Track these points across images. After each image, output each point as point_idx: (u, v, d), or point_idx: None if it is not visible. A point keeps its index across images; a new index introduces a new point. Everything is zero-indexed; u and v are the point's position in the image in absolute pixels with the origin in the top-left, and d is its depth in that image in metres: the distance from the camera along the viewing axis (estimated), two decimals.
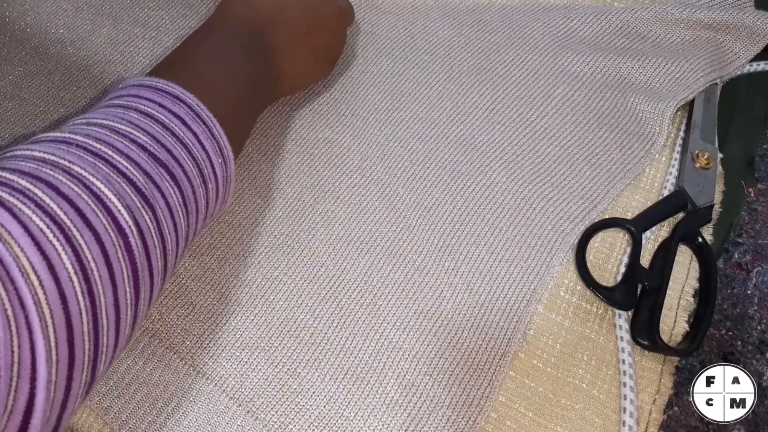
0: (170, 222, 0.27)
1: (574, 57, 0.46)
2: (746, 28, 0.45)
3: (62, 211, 0.23)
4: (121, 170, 0.25)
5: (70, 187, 0.23)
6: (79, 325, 0.22)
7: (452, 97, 0.44)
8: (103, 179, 0.24)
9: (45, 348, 0.20)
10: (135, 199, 0.25)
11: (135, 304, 0.25)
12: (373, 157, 0.42)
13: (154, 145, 0.27)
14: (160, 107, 0.29)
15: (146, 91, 0.30)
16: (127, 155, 0.26)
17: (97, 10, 0.48)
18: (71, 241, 0.22)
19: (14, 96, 0.43)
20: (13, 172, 0.24)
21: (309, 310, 0.36)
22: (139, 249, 0.25)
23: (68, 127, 0.27)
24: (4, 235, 0.21)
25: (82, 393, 0.23)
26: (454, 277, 0.37)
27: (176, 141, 0.28)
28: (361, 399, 0.33)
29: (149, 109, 0.29)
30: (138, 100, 0.29)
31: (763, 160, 0.42)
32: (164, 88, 0.30)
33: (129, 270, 0.24)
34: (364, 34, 0.48)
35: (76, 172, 0.24)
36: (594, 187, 0.40)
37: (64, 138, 0.26)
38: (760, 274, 0.37)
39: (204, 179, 0.30)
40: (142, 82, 0.31)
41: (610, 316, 0.36)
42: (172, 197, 0.27)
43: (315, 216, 0.39)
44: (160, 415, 0.33)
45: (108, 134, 0.27)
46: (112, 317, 0.24)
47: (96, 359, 0.23)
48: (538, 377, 0.34)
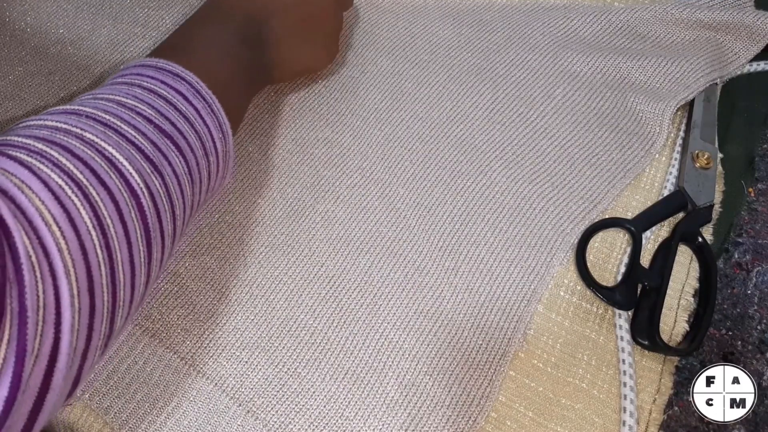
0: (177, 188, 0.28)
1: (574, 57, 0.46)
2: (746, 27, 0.45)
3: (78, 170, 0.24)
4: (129, 139, 0.27)
5: (84, 150, 0.25)
6: (99, 276, 0.23)
7: (452, 97, 0.44)
8: (114, 145, 0.26)
9: (69, 293, 0.21)
10: (144, 165, 0.26)
11: (148, 263, 0.26)
12: (373, 157, 0.42)
13: (159, 118, 0.29)
14: (163, 84, 0.30)
15: (148, 70, 0.31)
16: (134, 126, 0.27)
17: (97, 10, 0.48)
18: (88, 198, 0.23)
19: (14, 96, 0.43)
20: (28, 137, 0.25)
21: (309, 309, 0.36)
22: (151, 211, 0.26)
23: (77, 101, 0.29)
24: (25, 189, 0.22)
25: (101, 345, 0.24)
26: (454, 277, 0.37)
27: (179, 115, 0.30)
28: (361, 399, 0.33)
29: (152, 86, 0.30)
30: (141, 78, 0.31)
31: (763, 160, 0.42)
32: (165, 66, 0.31)
33: (142, 229, 0.26)
34: (364, 34, 0.48)
35: (89, 139, 0.25)
36: (594, 187, 0.40)
37: (74, 110, 0.27)
38: (760, 273, 0.37)
39: (206, 152, 0.31)
40: (143, 62, 0.32)
41: (610, 315, 0.36)
42: (179, 166, 0.29)
43: (315, 216, 0.39)
44: (160, 414, 0.33)
45: (115, 107, 0.28)
46: (128, 273, 0.25)
47: (114, 312, 0.24)
48: (539, 377, 0.34)
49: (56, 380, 0.21)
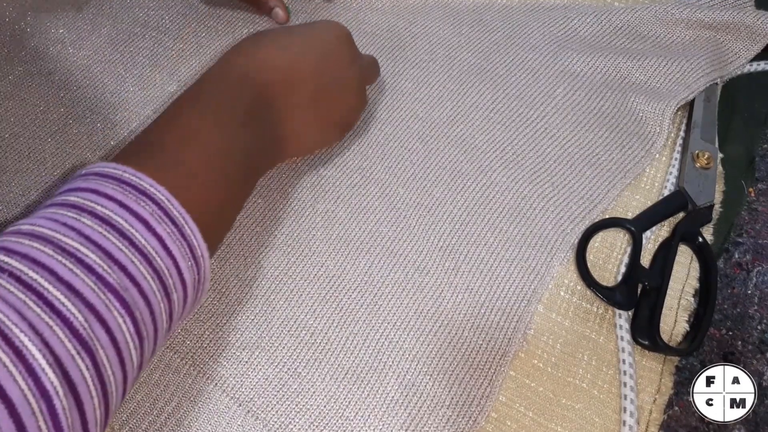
0: (115, 359, 0.24)
1: (575, 57, 0.46)
2: (746, 27, 0.45)
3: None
4: (56, 308, 0.22)
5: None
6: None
7: (452, 97, 0.44)
8: (28, 328, 0.21)
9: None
10: (69, 346, 0.22)
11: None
12: (373, 157, 0.42)
13: (105, 265, 0.24)
14: (121, 207, 0.26)
15: (109, 184, 0.26)
16: (68, 283, 0.23)
17: (97, 9, 0.48)
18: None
19: (14, 95, 0.43)
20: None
21: (309, 309, 0.36)
22: (67, 408, 0.21)
23: (7, 240, 0.24)
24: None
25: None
26: (454, 277, 0.37)
27: (134, 252, 0.25)
28: (362, 399, 0.33)
29: (107, 212, 0.25)
30: (96, 198, 0.26)
31: (764, 160, 0.42)
32: (130, 180, 0.27)
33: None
34: (363, 35, 0.48)
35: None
36: (594, 187, 0.40)
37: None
38: (760, 273, 0.37)
39: (167, 291, 0.26)
40: (106, 171, 0.27)
41: (611, 315, 0.36)
42: (120, 329, 0.24)
43: (315, 216, 0.39)
44: (161, 414, 0.33)
45: (51, 253, 0.23)
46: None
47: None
48: (539, 377, 0.34)
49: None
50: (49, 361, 0.21)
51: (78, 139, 0.42)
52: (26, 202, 0.39)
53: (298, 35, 0.36)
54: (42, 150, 0.41)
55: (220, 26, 0.48)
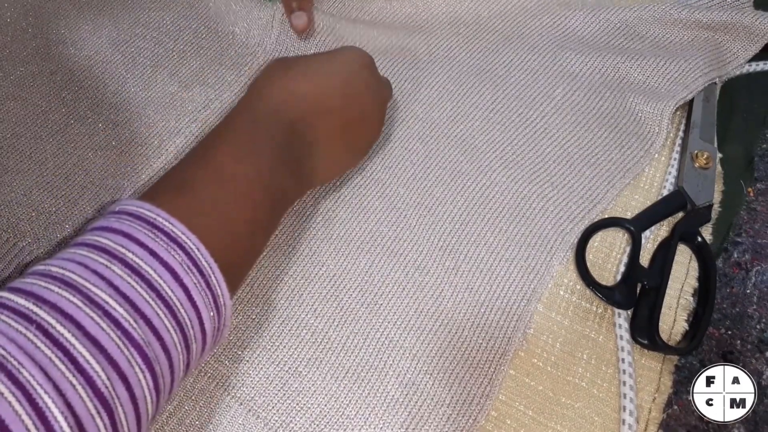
0: (132, 415, 0.24)
1: (573, 57, 0.46)
2: (744, 28, 0.45)
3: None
4: (80, 365, 0.22)
5: (9, 403, 0.20)
6: None
7: (452, 98, 0.44)
8: (52, 389, 0.21)
9: None
10: (90, 405, 0.22)
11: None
12: (373, 157, 0.42)
13: (131, 319, 0.24)
14: (151, 256, 0.26)
15: (141, 229, 0.26)
16: (94, 339, 0.23)
17: (99, 10, 0.48)
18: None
19: (16, 96, 0.43)
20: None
21: (310, 308, 0.36)
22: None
23: (37, 284, 0.24)
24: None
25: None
26: (454, 277, 0.37)
27: (160, 304, 0.25)
28: (362, 398, 0.33)
29: (137, 260, 0.25)
30: (128, 244, 0.26)
31: (763, 160, 0.42)
32: (162, 226, 0.27)
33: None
34: (362, 35, 0.48)
35: (24, 379, 0.21)
36: (594, 187, 0.40)
37: (27, 311, 0.22)
38: (759, 273, 0.37)
39: (187, 343, 0.26)
40: (140, 213, 0.27)
41: (610, 315, 0.36)
42: (140, 385, 0.24)
43: (315, 215, 0.39)
44: (161, 414, 0.33)
45: (79, 305, 0.23)
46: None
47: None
48: (539, 376, 0.34)
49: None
50: (70, 423, 0.21)
51: (79, 140, 0.42)
52: (28, 201, 0.39)
53: (325, 64, 0.36)
54: (43, 150, 0.41)
55: (220, 26, 0.48)
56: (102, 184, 0.40)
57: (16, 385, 0.20)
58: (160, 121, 0.43)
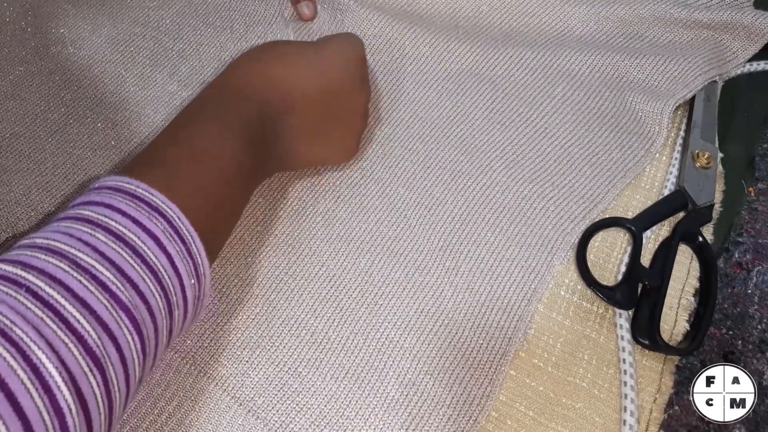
0: (122, 375, 0.24)
1: (573, 55, 0.46)
2: (744, 27, 0.45)
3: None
4: (71, 325, 0.22)
5: (4, 358, 0.20)
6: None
7: (452, 97, 0.44)
8: (45, 346, 0.21)
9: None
10: (82, 363, 0.22)
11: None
12: (373, 157, 0.42)
13: (118, 282, 0.24)
14: (134, 224, 0.26)
15: (123, 199, 0.27)
16: (83, 300, 0.23)
17: (97, 9, 0.48)
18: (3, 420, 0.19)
19: (15, 95, 0.43)
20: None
21: (310, 309, 0.36)
22: (78, 425, 0.22)
23: (24, 254, 0.24)
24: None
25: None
26: (454, 277, 0.37)
27: (145, 269, 0.26)
28: (362, 398, 0.33)
29: (121, 228, 0.26)
30: (111, 213, 0.26)
31: (764, 160, 0.42)
32: (143, 196, 0.27)
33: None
34: (361, 36, 0.48)
35: (17, 336, 0.21)
36: (594, 187, 0.40)
37: (15, 276, 0.23)
38: (760, 273, 0.37)
39: (170, 309, 0.27)
40: (120, 185, 0.27)
41: (611, 315, 0.36)
42: (128, 346, 0.24)
43: (316, 215, 0.39)
44: (162, 414, 0.33)
45: (66, 269, 0.23)
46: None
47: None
48: (539, 376, 0.34)
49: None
50: (64, 378, 0.21)
51: (78, 139, 0.42)
52: (27, 201, 0.39)
53: (309, 52, 0.36)
54: (42, 150, 0.41)
55: (218, 23, 0.48)
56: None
57: (9, 342, 0.21)
58: (159, 120, 0.43)
